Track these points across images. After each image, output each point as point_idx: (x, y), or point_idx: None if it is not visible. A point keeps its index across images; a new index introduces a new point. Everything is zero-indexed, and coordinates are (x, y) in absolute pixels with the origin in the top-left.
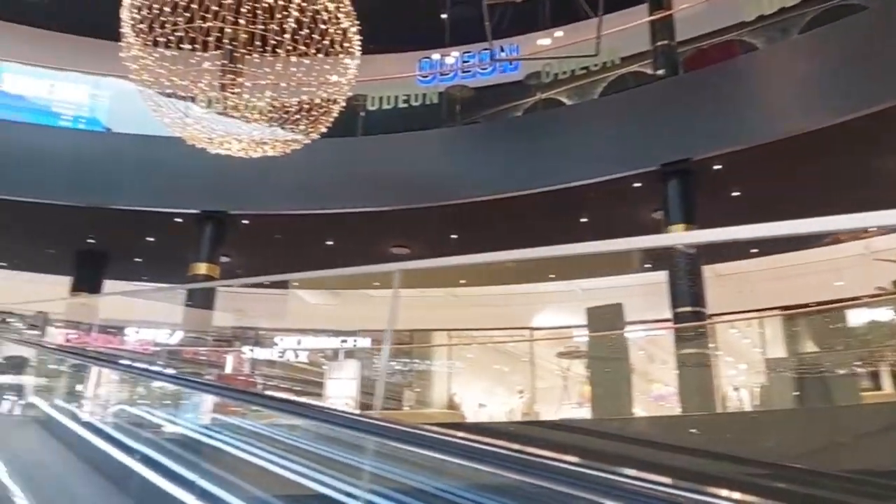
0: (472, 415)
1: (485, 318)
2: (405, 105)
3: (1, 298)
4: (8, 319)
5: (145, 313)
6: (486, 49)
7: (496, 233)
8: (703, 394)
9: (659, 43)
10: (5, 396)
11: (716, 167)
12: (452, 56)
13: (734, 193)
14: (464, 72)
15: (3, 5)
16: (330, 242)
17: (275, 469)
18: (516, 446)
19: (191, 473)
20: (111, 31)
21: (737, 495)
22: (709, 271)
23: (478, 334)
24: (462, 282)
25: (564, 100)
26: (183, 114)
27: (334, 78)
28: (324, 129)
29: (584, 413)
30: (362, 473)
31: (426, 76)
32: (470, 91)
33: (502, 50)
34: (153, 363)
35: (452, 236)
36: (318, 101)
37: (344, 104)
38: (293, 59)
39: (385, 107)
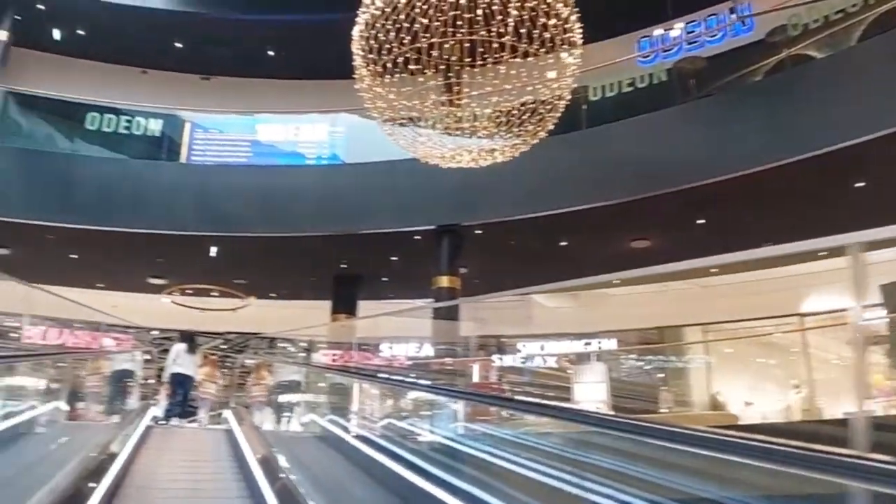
0: (741, 414)
1: (741, 307)
2: (630, 88)
3: (275, 327)
4: (282, 345)
5: (396, 329)
6: (711, 15)
7: (751, 212)
8: None
9: None
10: (286, 415)
11: None
12: (677, 28)
13: None
14: (689, 43)
15: (247, 63)
16: (563, 243)
17: (537, 476)
18: None
19: (455, 479)
20: (341, 71)
21: None
22: None
23: (735, 326)
24: (713, 270)
25: (814, 53)
26: (416, 133)
27: (551, 74)
28: (550, 127)
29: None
30: (633, 481)
31: (647, 56)
32: (703, 61)
33: (732, 12)
34: (408, 376)
35: (699, 222)
36: (542, 99)
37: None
38: (516, 60)
39: (608, 94)
